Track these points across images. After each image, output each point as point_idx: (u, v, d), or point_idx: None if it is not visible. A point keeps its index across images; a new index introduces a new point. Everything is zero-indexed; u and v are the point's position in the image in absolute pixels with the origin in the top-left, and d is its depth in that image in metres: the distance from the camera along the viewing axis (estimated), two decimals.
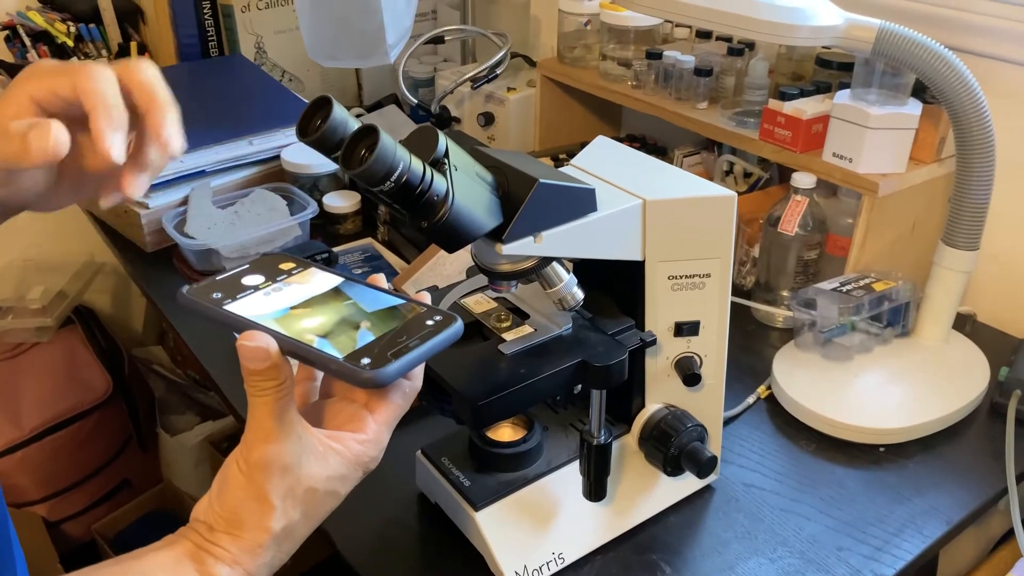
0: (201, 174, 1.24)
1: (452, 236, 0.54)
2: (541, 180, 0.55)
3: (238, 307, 0.50)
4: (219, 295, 0.50)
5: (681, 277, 0.69)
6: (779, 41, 1.00)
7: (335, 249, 1.21)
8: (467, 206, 0.54)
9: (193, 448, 1.65)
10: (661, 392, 0.74)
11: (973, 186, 0.88)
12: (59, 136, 0.44)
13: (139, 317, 1.98)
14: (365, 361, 0.47)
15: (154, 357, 1.86)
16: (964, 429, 0.89)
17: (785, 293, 1.05)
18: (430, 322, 0.50)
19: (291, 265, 0.54)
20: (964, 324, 1.04)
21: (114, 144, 0.45)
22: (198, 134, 1.24)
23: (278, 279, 0.53)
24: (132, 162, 0.47)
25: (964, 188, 0.88)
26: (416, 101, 1.52)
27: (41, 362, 1.61)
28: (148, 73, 0.47)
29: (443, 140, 0.54)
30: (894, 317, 0.96)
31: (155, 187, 1.19)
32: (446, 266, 1.02)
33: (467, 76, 1.43)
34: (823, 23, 0.86)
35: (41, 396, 1.55)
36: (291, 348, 0.48)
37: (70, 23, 1.54)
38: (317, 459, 0.49)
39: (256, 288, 0.52)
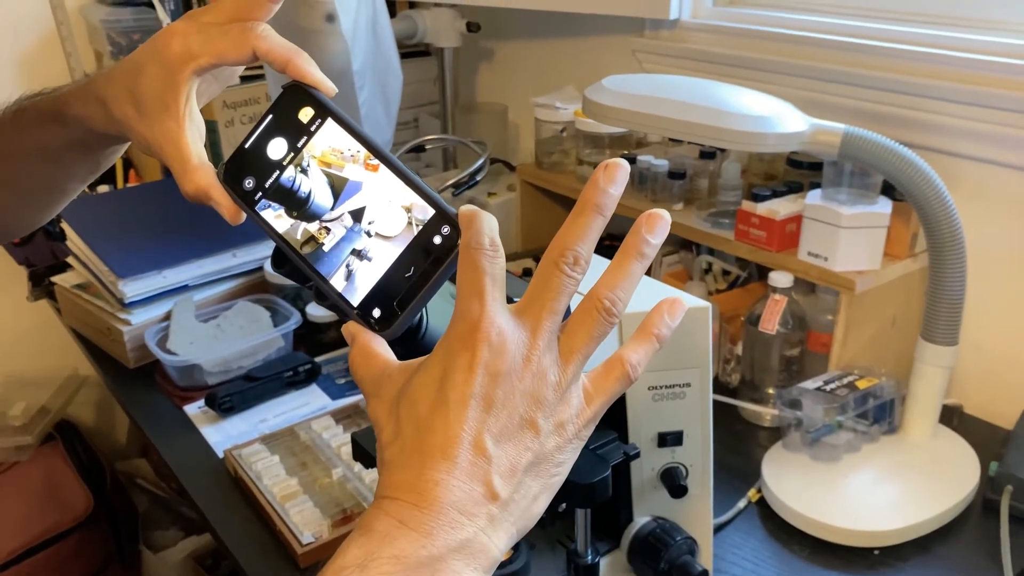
0: (184, 288, 1.24)
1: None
2: (514, 297, 0.55)
3: (270, 212, 0.48)
4: (251, 183, 0.49)
5: (661, 387, 0.69)
6: (748, 149, 1.03)
7: (318, 359, 1.21)
8: (441, 330, 0.54)
9: (176, 565, 1.61)
10: (648, 504, 0.73)
11: (946, 282, 0.89)
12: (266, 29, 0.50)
13: (123, 429, 1.96)
14: (376, 314, 0.45)
15: (137, 470, 1.83)
16: (959, 527, 0.88)
17: (771, 391, 1.05)
18: (437, 239, 0.46)
19: (310, 114, 0.51)
20: (951, 417, 1.03)
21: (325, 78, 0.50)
22: (181, 248, 1.25)
23: (299, 145, 0.50)
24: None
25: (938, 284, 0.89)
26: None
27: (20, 481, 1.57)
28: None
29: None
30: (880, 414, 0.96)
31: (138, 304, 1.20)
32: None
33: (449, 183, 1.46)
34: (789, 130, 0.88)
35: (19, 517, 1.51)
36: (314, 284, 0.46)
37: None
38: None
39: (281, 167, 0.49)
